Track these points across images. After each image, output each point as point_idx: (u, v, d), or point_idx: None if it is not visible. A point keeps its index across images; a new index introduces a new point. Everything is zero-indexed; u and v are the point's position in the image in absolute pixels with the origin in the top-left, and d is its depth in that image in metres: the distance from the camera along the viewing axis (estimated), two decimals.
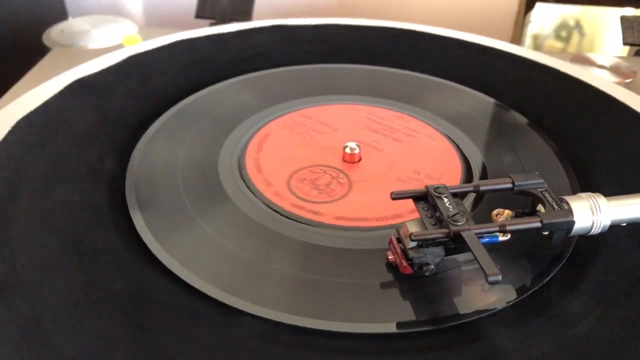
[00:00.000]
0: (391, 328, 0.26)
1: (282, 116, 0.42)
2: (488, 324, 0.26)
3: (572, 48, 0.80)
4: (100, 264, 0.28)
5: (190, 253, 0.30)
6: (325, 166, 0.37)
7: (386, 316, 0.27)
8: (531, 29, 0.82)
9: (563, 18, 0.82)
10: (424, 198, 0.28)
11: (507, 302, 0.27)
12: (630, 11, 0.77)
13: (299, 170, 0.36)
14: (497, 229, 0.26)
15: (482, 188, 0.29)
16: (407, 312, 0.27)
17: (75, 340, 0.24)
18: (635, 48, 0.61)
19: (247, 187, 0.35)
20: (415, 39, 0.55)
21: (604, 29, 0.70)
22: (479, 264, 0.24)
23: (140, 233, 0.30)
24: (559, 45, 0.82)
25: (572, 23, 0.82)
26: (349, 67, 0.50)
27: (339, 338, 0.26)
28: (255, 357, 0.24)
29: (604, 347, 0.25)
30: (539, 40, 0.82)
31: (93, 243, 0.30)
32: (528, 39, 0.82)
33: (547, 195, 0.28)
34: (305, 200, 0.34)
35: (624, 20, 0.60)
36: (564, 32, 0.82)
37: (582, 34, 0.82)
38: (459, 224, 0.26)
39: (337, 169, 0.37)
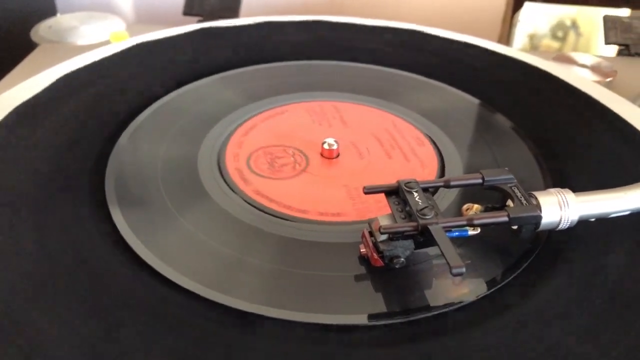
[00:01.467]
0: (362, 320, 0.27)
1: (263, 112, 0.43)
2: (458, 317, 0.27)
3: (568, 48, 0.81)
4: (78, 259, 0.29)
5: (168, 248, 0.30)
6: (299, 151, 0.38)
7: (357, 308, 0.27)
8: (524, 29, 0.83)
9: (559, 17, 0.83)
10: (396, 192, 0.29)
11: (477, 295, 0.28)
12: (625, 12, 0.78)
13: (272, 146, 0.38)
14: (465, 222, 0.27)
15: (452, 183, 0.29)
16: (378, 304, 0.27)
17: (48, 335, 0.24)
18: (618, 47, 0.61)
19: (226, 183, 0.35)
20: (393, 34, 0.56)
21: (601, 28, 0.71)
22: (444, 256, 0.25)
23: (119, 228, 0.31)
24: (555, 45, 0.82)
25: (568, 22, 0.83)
26: (339, 65, 0.51)
27: (310, 329, 0.26)
28: (233, 349, 0.25)
29: (573, 341, 0.26)
30: (535, 40, 0.83)
31: (71, 238, 0.30)
32: (518, 38, 0.83)
33: (516, 190, 0.29)
34: (254, 173, 0.36)
35: (606, 20, 0.61)
36: (560, 32, 0.83)
37: (578, 33, 0.82)
38: (427, 217, 0.27)
39: (306, 156, 0.38)
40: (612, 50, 0.64)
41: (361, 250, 0.29)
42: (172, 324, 0.26)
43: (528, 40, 0.83)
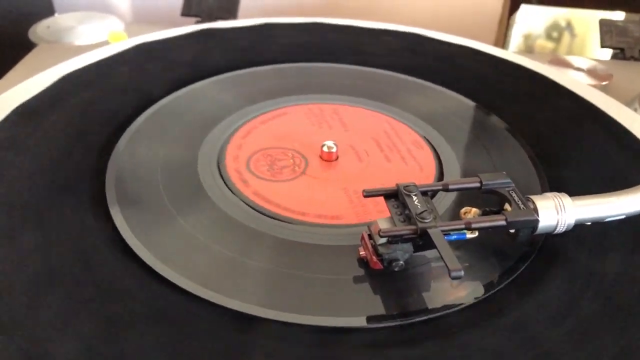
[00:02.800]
0: (361, 322, 0.27)
1: (263, 114, 0.43)
2: (456, 319, 0.27)
3: (563, 49, 0.81)
4: (78, 260, 0.29)
5: (168, 249, 0.30)
6: (300, 154, 0.38)
7: (356, 310, 0.27)
8: (519, 30, 0.83)
9: (554, 19, 0.83)
10: (395, 196, 0.29)
11: (475, 298, 0.28)
12: (620, 15, 0.79)
13: (272, 148, 0.38)
14: (463, 226, 0.27)
15: (450, 187, 0.30)
16: (377, 307, 0.28)
17: (47, 334, 0.25)
18: (614, 51, 0.62)
19: (226, 184, 0.36)
20: (392, 37, 0.56)
21: (596, 31, 0.71)
22: (443, 260, 0.25)
23: (119, 229, 0.31)
24: (550, 46, 0.83)
25: (563, 24, 0.83)
26: (336, 67, 0.51)
27: (309, 331, 0.26)
28: (231, 350, 0.25)
29: (568, 344, 0.26)
30: (530, 41, 0.83)
31: (71, 239, 0.30)
32: (515, 40, 0.83)
33: (513, 194, 0.29)
34: (254, 175, 0.36)
35: (602, 23, 0.61)
36: (555, 33, 0.83)
37: (573, 35, 0.83)
38: (426, 221, 0.27)
39: (306, 159, 0.38)
40: (607, 52, 0.65)
41: (360, 253, 0.29)
42: (171, 324, 0.26)
43: (523, 40, 0.84)
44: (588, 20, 0.82)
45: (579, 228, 0.30)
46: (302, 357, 0.25)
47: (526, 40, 0.84)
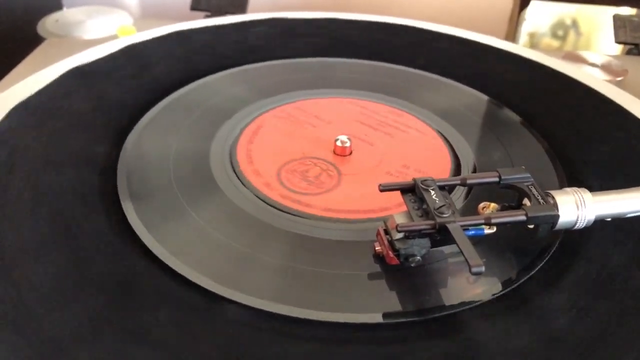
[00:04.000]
0: (377, 318, 0.26)
1: (275, 108, 0.43)
2: (473, 316, 0.27)
3: (568, 46, 0.81)
4: (90, 253, 0.29)
5: (180, 243, 0.30)
6: (316, 158, 0.37)
7: (372, 306, 0.27)
8: (526, 27, 0.83)
9: (560, 16, 0.83)
10: (412, 190, 0.29)
11: (493, 295, 0.28)
12: (626, 10, 0.78)
13: (289, 162, 0.37)
14: (483, 221, 0.27)
15: (469, 181, 0.29)
16: (393, 303, 0.27)
17: (63, 325, 0.24)
18: (627, 47, 0.61)
19: (238, 178, 0.35)
20: (410, 34, 0.55)
21: (601, 28, 0.71)
22: (463, 255, 0.24)
23: (131, 222, 0.31)
24: (555, 43, 0.82)
25: (568, 22, 0.83)
26: (344, 61, 0.50)
27: (325, 327, 0.26)
28: (242, 345, 0.25)
29: (585, 341, 0.25)
30: (536, 39, 0.83)
31: (84, 231, 0.30)
32: (523, 37, 0.83)
33: (532, 189, 0.29)
34: (294, 192, 0.34)
35: (616, 19, 0.61)
36: (561, 30, 0.82)
37: (578, 32, 0.82)
38: (444, 216, 0.26)
39: (327, 161, 0.37)
40: (615, 48, 0.64)
41: (376, 249, 0.29)
42: (181, 318, 0.26)
43: (528, 38, 0.83)
44: (594, 18, 0.81)
45: (599, 223, 0.29)
46: (316, 354, 0.25)
47: (531, 38, 0.83)
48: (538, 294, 0.28)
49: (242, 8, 0.63)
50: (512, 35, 0.84)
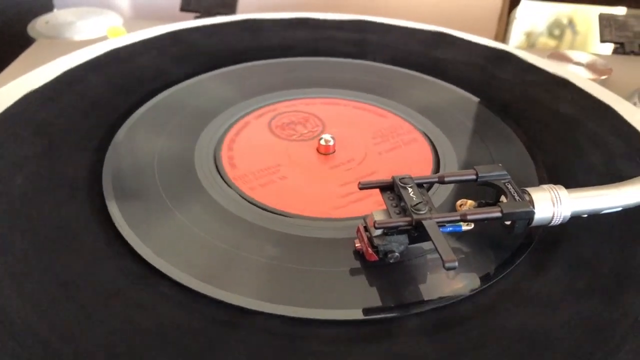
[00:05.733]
0: (357, 314, 0.27)
1: (258, 109, 0.43)
2: (452, 311, 0.27)
3: (565, 47, 0.81)
4: (74, 252, 0.29)
5: (164, 242, 0.30)
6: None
7: (352, 302, 0.27)
8: (521, 27, 0.83)
9: (556, 17, 0.83)
10: (391, 188, 0.29)
11: (471, 290, 0.28)
12: (622, 10, 0.78)
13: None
14: (459, 218, 0.27)
15: (446, 179, 0.30)
16: (373, 299, 0.28)
17: (46, 326, 0.25)
18: (614, 45, 0.62)
19: (222, 178, 0.36)
20: (389, 31, 0.56)
21: (597, 28, 0.71)
22: (437, 250, 0.25)
23: (116, 222, 0.31)
24: (552, 43, 0.83)
25: (564, 21, 0.83)
26: (330, 61, 0.51)
27: (306, 324, 0.26)
28: (226, 343, 0.25)
29: (564, 337, 0.26)
30: (532, 39, 0.83)
31: (68, 231, 0.30)
32: (514, 36, 0.83)
33: (509, 186, 0.29)
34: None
35: (601, 18, 0.61)
36: (557, 30, 0.83)
37: (575, 32, 0.83)
38: (421, 212, 0.27)
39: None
40: (609, 48, 0.65)
41: (356, 245, 0.29)
42: (166, 317, 0.26)
43: (525, 38, 0.83)
44: (590, 17, 0.82)
45: (576, 220, 0.30)
46: (296, 350, 0.25)
47: (528, 37, 0.84)
48: (516, 289, 0.28)
49: (231, 8, 0.63)
50: (502, 34, 0.84)
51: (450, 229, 0.28)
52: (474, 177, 0.30)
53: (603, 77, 0.53)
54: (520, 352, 0.25)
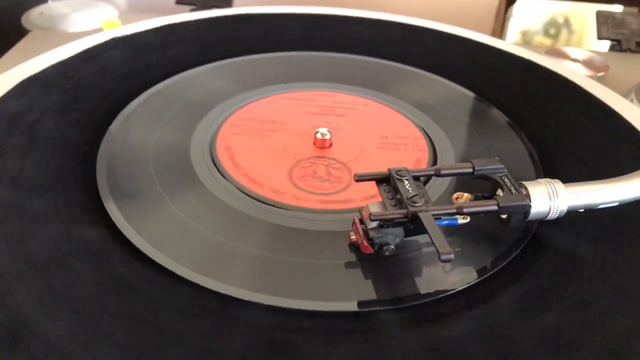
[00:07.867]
0: (352, 307, 0.27)
1: (254, 101, 0.43)
2: (448, 304, 0.27)
3: (561, 45, 0.81)
4: (69, 246, 0.29)
5: (160, 234, 0.30)
6: (313, 157, 0.37)
7: (347, 295, 0.27)
8: (516, 24, 0.83)
9: (551, 14, 0.83)
10: (387, 181, 0.29)
11: (467, 283, 0.28)
12: (618, 8, 0.78)
13: (295, 166, 0.36)
14: (455, 210, 0.27)
15: (443, 172, 0.30)
16: (368, 291, 0.28)
17: (41, 326, 0.24)
18: (611, 43, 0.62)
19: (218, 170, 0.35)
20: (387, 28, 0.56)
21: (593, 25, 0.71)
22: (433, 243, 0.25)
23: (111, 214, 0.31)
24: (547, 42, 0.83)
25: (560, 20, 0.83)
26: (324, 55, 0.51)
27: (301, 315, 0.26)
28: (222, 334, 0.25)
29: (556, 330, 0.26)
30: (528, 37, 0.83)
31: (63, 225, 0.30)
32: (511, 34, 0.83)
33: (506, 180, 0.29)
34: (318, 194, 0.34)
35: (599, 15, 0.61)
36: (553, 29, 0.83)
37: (570, 31, 0.83)
38: (417, 205, 0.27)
39: (328, 157, 0.37)
40: (606, 46, 0.65)
41: (351, 238, 0.29)
42: (163, 308, 0.26)
43: (521, 36, 0.83)
44: (586, 16, 0.82)
45: (573, 214, 0.30)
46: (292, 341, 0.25)
47: (524, 36, 0.84)
48: (512, 283, 0.28)
49: (227, 2, 0.63)
50: (498, 31, 0.84)
51: (447, 222, 0.28)
52: (470, 170, 0.29)
53: (600, 74, 0.53)
54: (515, 345, 0.25)
